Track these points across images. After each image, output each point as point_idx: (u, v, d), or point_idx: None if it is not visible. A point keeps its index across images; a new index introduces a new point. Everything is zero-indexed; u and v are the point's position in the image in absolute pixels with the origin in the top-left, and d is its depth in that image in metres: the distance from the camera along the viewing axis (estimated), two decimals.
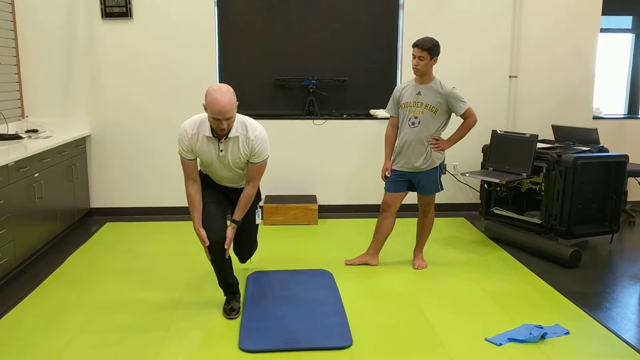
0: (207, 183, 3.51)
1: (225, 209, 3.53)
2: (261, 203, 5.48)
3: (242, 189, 3.47)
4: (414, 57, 3.97)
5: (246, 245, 3.74)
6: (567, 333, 3.22)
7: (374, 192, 5.81)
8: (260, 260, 4.40)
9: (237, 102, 3.17)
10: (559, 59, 5.82)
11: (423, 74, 4.01)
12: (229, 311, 3.42)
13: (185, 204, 5.62)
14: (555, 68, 5.84)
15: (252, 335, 3.15)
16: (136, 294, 3.76)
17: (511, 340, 3.14)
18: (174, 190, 5.69)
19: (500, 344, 3.09)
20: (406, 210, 5.81)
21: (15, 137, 4.84)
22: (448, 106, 4.03)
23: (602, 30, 5.89)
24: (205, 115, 3.24)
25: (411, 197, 4.39)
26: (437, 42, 3.96)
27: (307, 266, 4.28)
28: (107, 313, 3.48)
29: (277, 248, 4.72)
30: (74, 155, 5.15)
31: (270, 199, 5.59)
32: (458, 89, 4.05)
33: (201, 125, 3.26)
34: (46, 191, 4.48)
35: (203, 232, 3.31)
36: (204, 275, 4.10)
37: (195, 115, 3.33)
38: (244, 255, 3.82)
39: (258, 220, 3.68)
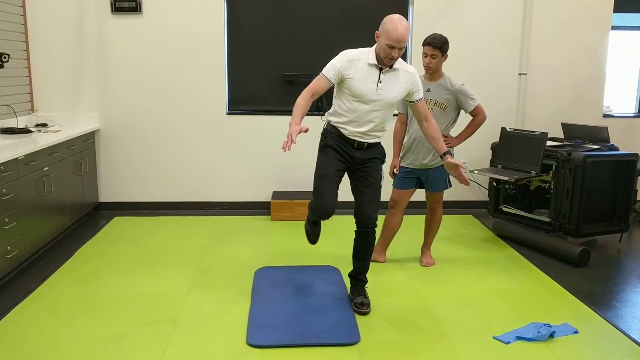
0: (330, 146, 3.39)
1: (339, 182, 3.42)
2: (270, 199, 5.51)
3: (370, 144, 3.38)
4: (426, 55, 3.95)
5: (371, 206, 3.41)
6: (576, 332, 3.21)
7: (382, 189, 5.79)
8: (268, 255, 4.41)
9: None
10: (570, 57, 5.78)
11: (434, 72, 4.00)
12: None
13: (193, 199, 5.73)
14: (566, 66, 5.80)
15: (260, 330, 3.16)
16: (144, 288, 3.78)
17: (519, 338, 3.12)
18: (182, 185, 5.71)
19: (509, 343, 3.08)
20: (414, 208, 5.80)
21: (25, 131, 4.86)
22: (457, 103, 4.02)
23: (614, 28, 5.84)
24: (368, 48, 3.27)
25: (419, 194, 4.38)
26: (446, 38, 3.95)
27: (315, 262, 4.28)
28: (115, 306, 3.49)
29: (285, 244, 4.73)
30: (82, 150, 5.17)
31: (278, 194, 5.59)
32: (467, 86, 4.03)
33: (363, 54, 3.26)
34: (55, 185, 4.49)
35: (295, 130, 3.08)
36: (211, 269, 4.11)
37: None
38: (369, 218, 3.41)
39: (382, 181, 3.49)
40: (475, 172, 4.95)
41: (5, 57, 4.63)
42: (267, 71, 5.68)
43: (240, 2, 5.57)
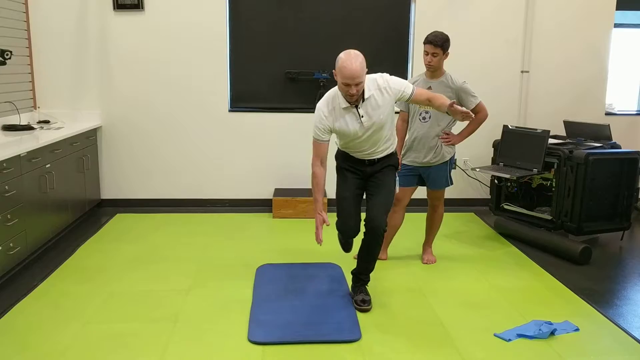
0: (344, 168, 3.45)
1: (360, 200, 3.48)
2: (272, 196, 5.51)
3: (380, 158, 3.42)
4: (427, 53, 3.94)
5: (378, 203, 3.37)
6: (577, 330, 3.21)
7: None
8: (270, 253, 4.41)
9: (367, 69, 3.13)
10: (572, 54, 5.77)
11: (436, 70, 4.00)
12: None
13: (196, 197, 5.73)
14: (568, 63, 5.79)
15: (261, 327, 3.17)
16: (146, 285, 3.78)
17: (520, 336, 3.13)
18: (184, 183, 5.72)
19: (510, 340, 3.09)
20: (416, 205, 5.81)
21: (27, 127, 4.87)
22: (459, 100, 4.01)
23: (616, 26, 5.82)
24: (335, 89, 3.24)
25: (421, 192, 4.38)
26: (447, 36, 3.94)
27: (317, 259, 4.28)
28: (117, 303, 3.50)
29: (287, 241, 4.73)
30: (85, 147, 5.18)
31: (280, 192, 5.59)
32: (469, 84, 4.03)
33: (334, 99, 3.24)
34: (57, 182, 4.50)
35: (324, 216, 3.26)
36: (213, 266, 4.12)
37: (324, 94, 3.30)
38: (379, 223, 3.33)
39: (395, 188, 3.52)
40: (477, 169, 4.95)
41: (7, 54, 4.64)
42: (269, 68, 5.68)
43: (242, 0, 5.57)
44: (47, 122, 5.32)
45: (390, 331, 3.18)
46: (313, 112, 5.93)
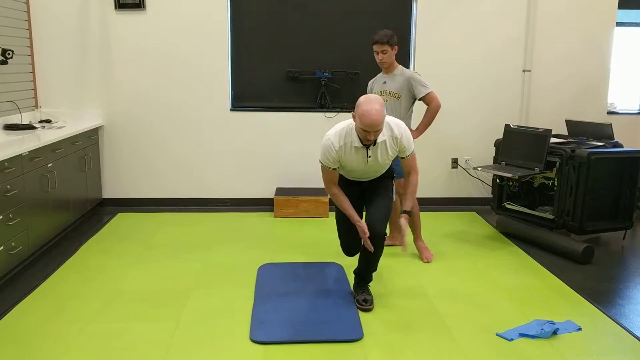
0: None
1: (361, 213, 3.52)
2: (274, 195, 5.51)
3: (376, 178, 3.52)
4: (377, 53, 4.20)
5: (376, 209, 3.42)
6: (579, 329, 3.21)
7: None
8: (271, 252, 4.41)
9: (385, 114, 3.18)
10: (574, 53, 5.76)
11: (389, 66, 4.23)
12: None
13: (197, 196, 5.73)
14: (570, 62, 5.78)
15: (263, 326, 3.16)
16: (147, 284, 3.78)
17: (522, 335, 3.12)
18: (186, 182, 5.72)
19: (512, 339, 3.08)
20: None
21: (29, 127, 4.87)
22: (409, 90, 4.19)
23: (618, 25, 5.81)
24: (348, 124, 3.27)
25: (421, 192, 4.36)
26: (391, 32, 4.19)
27: (318, 259, 4.28)
28: (119, 303, 3.50)
29: (288, 240, 4.73)
30: (86, 146, 5.18)
31: (282, 191, 5.59)
32: (421, 76, 4.23)
33: (347, 136, 3.25)
34: (59, 181, 4.51)
35: (363, 224, 3.31)
36: (215, 266, 4.12)
37: (338, 125, 3.32)
38: (376, 221, 3.37)
39: (392, 195, 3.61)
40: (479, 168, 4.94)
41: (9, 54, 4.64)
42: (270, 68, 5.67)
43: None
44: (48, 121, 5.32)
45: (391, 330, 3.18)
46: (314, 111, 5.97)
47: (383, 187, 3.54)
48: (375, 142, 3.22)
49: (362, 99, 3.12)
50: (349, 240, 3.55)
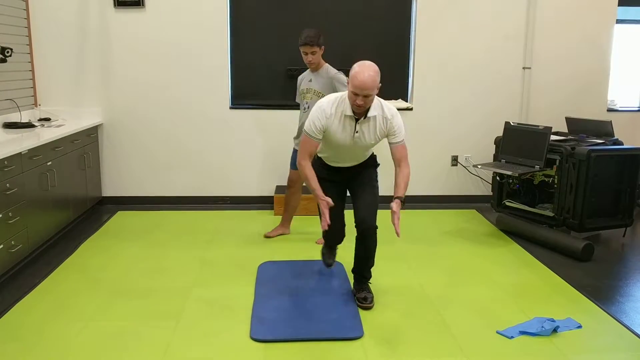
0: (323, 177, 3.40)
1: (343, 207, 3.51)
2: (274, 193, 5.51)
3: (360, 164, 3.48)
4: (306, 54, 4.27)
5: (364, 204, 3.43)
6: (580, 327, 3.21)
7: (385, 183, 5.79)
8: (271, 250, 4.41)
9: (380, 85, 3.16)
10: (574, 51, 5.76)
11: (317, 65, 4.33)
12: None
13: (197, 194, 5.72)
14: (570, 60, 5.77)
15: (264, 325, 3.16)
16: (148, 283, 3.78)
17: (523, 333, 3.12)
18: (185, 180, 5.71)
19: (512, 337, 3.08)
20: (411, 202, 5.82)
21: (29, 125, 4.87)
22: (332, 89, 4.25)
23: (618, 22, 5.80)
24: (342, 94, 3.26)
25: (421, 191, 4.37)
26: (317, 31, 4.26)
27: (318, 257, 4.27)
28: (119, 301, 3.50)
29: (288, 238, 4.73)
30: (86, 144, 5.17)
31: (282, 189, 5.58)
32: (343, 75, 4.27)
33: (341, 104, 3.23)
34: (59, 179, 4.50)
35: (327, 199, 3.20)
36: (215, 264, 4.11)
37: (330, 96, 3.33)
38: (365, 217, 3.40)
39: (376, 184, 3.54)
40: (479, 166, 4.94)
41: (8, 52, 4.63)
42: (270, 65, 5.67)
43: None
44: (48, 119, 5.31)
45: (392, 329, 3.18)
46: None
47: (368, 178, 3.48)
48: (366, 116, 3.19)
49: (356, 64, 3.15)
50: (334, 227, 3.34)
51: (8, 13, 4.92)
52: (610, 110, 5.95)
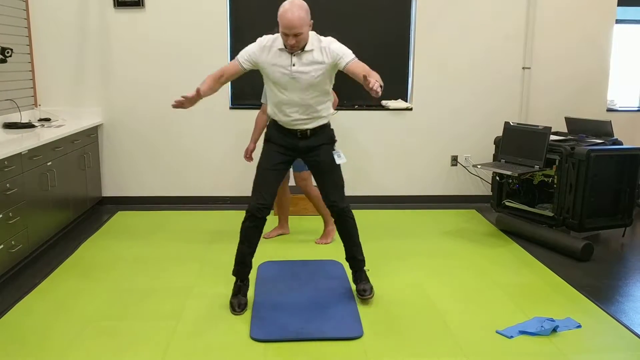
0: (273, 138, 3.39)
1: (281, 178, 3.44)
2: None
3: (313, 130, 3.35)
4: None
5: (335, 189, 3.42)
6: (579, 326, 3.21)
7: (385, 183, 5.80)
8: (271, 250, 4.41)
9: (312, 21, 3.15)
10: (573, 51, 5.76)
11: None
12: (236, 306, 3.36)
13: (197, 194, 5.74)
14: (570, 60, 5.77)
15: (263, 324, 3.17)
16: (147, 283, 3.79)
17: (522, 333, 3.13)
18: (185, 180, 5.72)
19: (512, 337, 3.09)
20: (410, 202, 5.82)
21: (29, 125, 4.87)
22: None
23: (618, 22, 5.81)
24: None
25: (419, 189, 4.37)
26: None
27: (318, 256, 4.28)
28: (119, 301, 3.50)
29: (288, 239, 4.73)
30: (86, 144, 5.18)
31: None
32: None
33: (277, 39, 3.22)
34: (59, 180, 4.51)
35: (194, 94, 3.18)
36: (215, 264, 4.12)
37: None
38: (336, 202, 3.41)
39: (339, 161, 3.43)
40: (479, 166, 4.94)
41: (8, 52, 4.63)
42: None
43: None
44: (48, 119, 5.31)
45: (392, 328, 3.18)
46: None
47: (326, 155, 3.38)
48: (303, 49, 3.15)
49: (285, 1, 3.11)
50: (262, 189, 3.31)
51: (8, 13, 4.92)
52: (609, 110, 5.95)
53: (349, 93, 5.77)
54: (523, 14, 5.66)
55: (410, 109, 5.73)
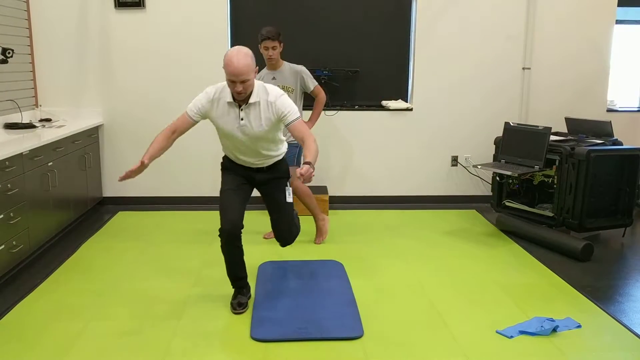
0: (229, 168, 3.42)
1: (246, 197, 3.41)
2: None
3: (268, 167, 3.39)
4: (267, 48, 4.35)
5: (284, 227, 3.50)
6: (579, 326, 3.21)
7: (385, 184, 5.81)
8: (271, 250, 4.42)
9: (257, 67, 3.13)
10: (574, 51, 5.76)
11: (277, 61, 4.43)
12: (237, 306, 3.37)
13: (198, 194, 5.74)
14: (570, 60, 5.78)
15: (264, 324, 3.17)
16: (148, 283, 3.79)
17: (522, 332, 3.13)
18: (186, 180, 5.72)
19: (512, 337, 3.09)
20: (411, 202, 5.82)
21: (29, 126, 4.88)
22: (301, 84, 4.41)
23: (618, 22, 5.81)
24: (224, 82, 3.20)
25: (419, 189, 4.38)
26: (277, 28, 4.38)
27: (318, 257, 4.29)
28: (120, 301, 3.51)
29: None
30: (86, 145, 5.18)
31: None
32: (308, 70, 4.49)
33: (224, 90, 3.20)
34: (60, 180, 4.51)
35: (145, 161, 3.21)
36: (216, 264, 4.12)
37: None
38: (285, 239, 3.57)
39: (289, 199, 3.45)
40: (479, 166, 4.95)
41: (9, 53, 4.64)
42: None
43: None
44: (48, 120, 5.32)
45: (392, 328, 3.19)
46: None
47: (279, 190, 3.43)
48: (247, 102, 3.13)
49: (231, 49, 3.08)
50: (228, 217, 3.24)
51: (9, 14, 4.93)
52: (609, 110, 5.96)
53: (349, 93, 5.79)
54: (523, 15, 5.66)
55: (411, 110, 5.73)
